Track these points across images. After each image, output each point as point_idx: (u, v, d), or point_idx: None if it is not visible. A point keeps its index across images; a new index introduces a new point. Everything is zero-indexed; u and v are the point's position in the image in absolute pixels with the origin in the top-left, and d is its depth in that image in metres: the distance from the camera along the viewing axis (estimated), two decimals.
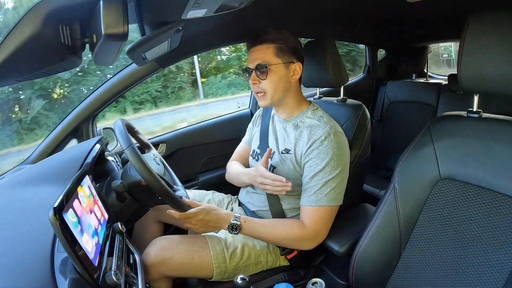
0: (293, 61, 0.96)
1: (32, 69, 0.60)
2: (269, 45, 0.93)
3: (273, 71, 0.93)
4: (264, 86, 0.94)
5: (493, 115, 0.74)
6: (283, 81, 0.95)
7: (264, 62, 0.92)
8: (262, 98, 0.97)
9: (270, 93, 0.95)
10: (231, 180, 1.19)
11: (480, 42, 0.66)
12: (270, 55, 0.93)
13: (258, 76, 0.94)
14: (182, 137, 1.56)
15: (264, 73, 0.92)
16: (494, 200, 0.67)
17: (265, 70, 0.92)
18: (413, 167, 0.79)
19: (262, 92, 0.95)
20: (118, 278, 0.60)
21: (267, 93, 0.95)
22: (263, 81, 0.94)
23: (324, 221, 0.91)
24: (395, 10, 1.40)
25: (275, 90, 0.95)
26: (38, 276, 0.53)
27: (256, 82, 0.94)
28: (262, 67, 0.92)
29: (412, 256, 0.78)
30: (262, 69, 0.92)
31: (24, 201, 0.77)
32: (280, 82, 0.94)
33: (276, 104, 1.01)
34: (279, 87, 0.95)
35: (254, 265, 0.98)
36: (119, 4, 0.50)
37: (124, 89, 1.26)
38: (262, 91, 0.95)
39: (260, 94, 0.96)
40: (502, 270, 0.64)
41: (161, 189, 0.79)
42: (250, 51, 0.96)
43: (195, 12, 0.66)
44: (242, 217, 0.93)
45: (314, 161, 0.90)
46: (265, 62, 0.92)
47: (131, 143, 0.80)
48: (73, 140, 1.29)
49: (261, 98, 0.97)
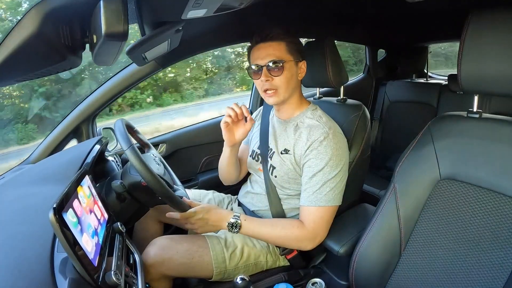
0: (300, 59, 0.97)
1: (32, 69, 0.61)
2: (281, 42, 0.92)
3: (287, 68, 0.92)
4: (277, 83, 0.92)
5: (493, 115, 0.73)
6: (294, 79, 0.95)
7: (278, 58, 0.90)
8: (273, 95, 0.94)
9: (282, 89, 0.93)
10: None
11: (480, 42, 0.66)
12: (283, 52, 0.92)
13: (270, 72, 0.91)
14: (182, 137, 1.56)
15: (279, 70, 0.91)
16: (494, 200, 0.67)
17: (280, 66, 0.90)
18: (413, 167, 0.79)
19: (274, 89, 0.93)
20: (118, 278, 0.60)
21: (279, 90, 0.93)
22: (276, 77, 0.92)
23: (324, 221, 0.91)
24: (395, 10, 1.40)
25: (287, 87, 0.94)
26: (38, 276, 0.53)
27: (269, 79, 0.92)
28: (277, 63, 0.90)
29: (412, 256, 0.78)
30: (277, 65, 0.90)
31: (24, 201, 0.77)
32: (292, 80, 0.94)
33: (282, 102, 0.98)
34: (291, 84, 0.94)
35: (254, 265, 0.98)
36: (119, 4, 0.50)
37: (124, 89, 1.26)
38: (274, 88, 0.93)
39: (271, 91, 0.94)
40: (502, 270, 0.64)
41: (162, 190, 0.79)
42: (258, 47, 0.94)
43: (195, 12, 0.66)
44: (242, 215, 0.94)
45: (313, 161, 0.90)
46: (280, 59, 0.90)
47: (131, 144, 0.80)
48: (73, 140, 1.29)
49: (272, 95, 0.94)
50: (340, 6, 1.25)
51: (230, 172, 1.15)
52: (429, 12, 1.42)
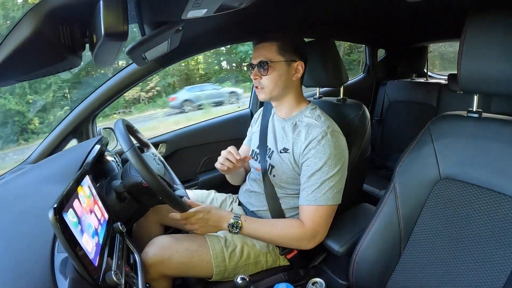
0: (295, 60, 0.98)
1: (32, 69, 0.60)
2: (273, 43, 0.96)
3: (274, 68, 0.96)
4: (264, 81, 0.98)
5: (493, 115, 0.73)
6: (283, 78, 0.98)
7: (266, 59, 0.96)
8: (260, 92, 1.01)
9: (269, 88, 0.98)
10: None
11: (480, 42, 0.66)
12: (273, 53, 0.96)
13: (260, 72, 0.98)
14: (182, 137, 1.56)
15: (266, 70, 0.96)
16: (494, 200, 0.67)
17: (266, 67, 0.96)
18: (413, 167, 0.79)
19: (262, 87, 0.99)
20: (118, 278, 0.60)
21: (265, 88, 0.99)
22: (264, 77, 0.97)
23: (323, 220, 0.91)
24: (395, 10, 1.39)
25: (274, 87, 0.98)
26: (38, 276, 0.53)
27: (257, 77, 0.98)
28: (264, 64, 0.96)
29: (412, 256, 0.78)
30: (264, 65, 0.96)
31: (24, 201, 0.77)
32: (280, 79, 0.97)
33: (275, 100, 1.03)
34: (278, 83, 0.98)
35: (254, 265, 0.98)
36: (119, 4, 0.50)
37: (124, 89, 1.26)
38: (261, 86, 0.99)
39: (259, 88, 1.01)
40: (502, 270, 0.64)
41: (163, 191, 0.79)
42: (255, 48, 1.00)
43: (195, 12, 0.66)
44: (242, 216, 0.94)
45: (311, 160, 0.90)
46: (267, 59, 0.95)
47: (132, 145, 0.80)
48: (73, 140, 1.29)
49: (260, 91, 1.01)
50: (340, 6, 1.25)
51: (235, 178, 1.23)
52: (429, 12, 1.42)
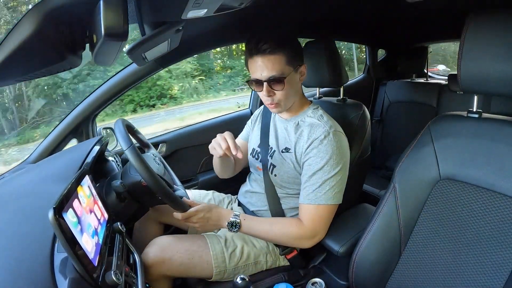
0: (300, 64, 0.94)
1: (32, 69, 0.60)
2: (281, 55, 0.87)
3: (288, 81, 0.89)
4: (279, 97, 0.91)
5: (493, 115, 0.73)
6: (294, 86, 0.93)
7: (279, 74, 0.87)
8: (276, 107, 0.93)
9: (284, 102, 0.92)
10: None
11: (480, 42, 0.66)
12: (283, 65, 0.87)
13: (272, 87, 0.89)
14: (182, 137, 1.56)
15: (281, 84, 0.88)
16: (494, 200, 0.66)
17: (282, 81, 0.87)
18: (413, 167, 0.79)
19: (276, 102, 0.92)
20: (118, 278, 0.60)
21: (281, 103, 0.92)
22: (278, 92, 0.90)
23: (323, 220, 0.91)
24: (395, 10, 1.40)
25: (289, 98, 0.93)
26: (38, 276, 0.53)
27: (271, 94, 0.90)
28: (279, 79, 0.87)
29: (412, 256, 0.78)
30: (278, 81, 0.87)
31: (24, 201, 0.77)
32: (292, 89, 0.92)
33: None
34: (291, 93, 0.93)
35: (254, 265, 0.98)
36: (119, 4, 0.50)
37: (124, 89, 1.26)
38: (276, 102, 0.92)
39: (273, 104, 0.92)
40: (502, 270, 0.64)
41: (162, 190, 0.79)
42: (256, 60, 0.88)
43: (195, 12, 0.66)
44: (241, 214, 0.94)
45: (313, 159, 0.90)
46: (280, 74, 0.87)
47: (131, 144, 0.80)
48: (73, 140, 1.29)
49: (275, 107, 0.93)
50: (340, 6, 1.25)
51: (224, 170, 1.16)
52: (429, 12, 1.42)
